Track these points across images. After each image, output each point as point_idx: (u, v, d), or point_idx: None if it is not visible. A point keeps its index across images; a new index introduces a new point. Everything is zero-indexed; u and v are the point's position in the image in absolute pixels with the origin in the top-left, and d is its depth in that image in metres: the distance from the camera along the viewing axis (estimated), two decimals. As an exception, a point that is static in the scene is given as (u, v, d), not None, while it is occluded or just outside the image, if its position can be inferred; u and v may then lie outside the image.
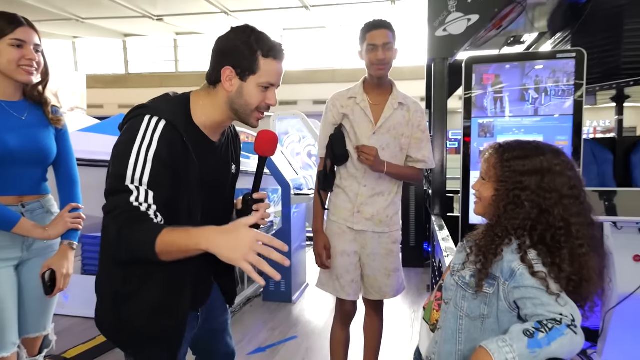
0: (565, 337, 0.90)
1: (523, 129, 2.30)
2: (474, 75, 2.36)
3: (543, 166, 1.05)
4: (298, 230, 3.76)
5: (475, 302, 1.07)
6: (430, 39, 2.45)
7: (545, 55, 2.34)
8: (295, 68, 13.70)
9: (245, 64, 1.08)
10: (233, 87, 1.10)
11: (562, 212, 1.02)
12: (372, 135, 1.86)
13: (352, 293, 1.94)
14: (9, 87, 1.39)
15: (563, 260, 1.01)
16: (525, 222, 1.04)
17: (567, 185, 1.04)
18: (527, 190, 1.04)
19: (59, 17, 10.96)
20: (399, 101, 1.88)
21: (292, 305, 3.51)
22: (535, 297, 0.97)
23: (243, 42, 1.08)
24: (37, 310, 1.47)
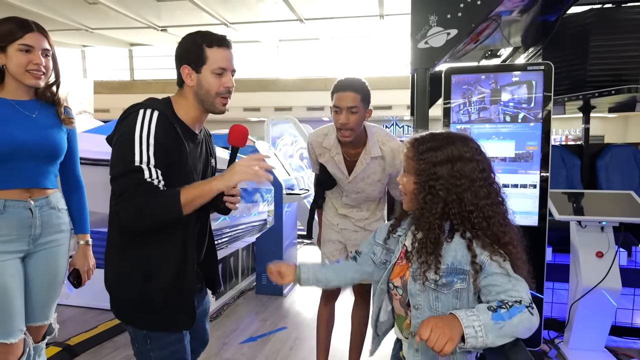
0: (524, 314, 0.94)
1: (501, 135, 2.33)
2: (452, 85, 2.39)
3: (453, 154, 1.04)
4: (290, 228, 3.76)
5: (447, 298, 1.05)
6: (413, 50, 2.47)
7: (517, 67, 2.38)
8: (291, 76, 13.73)
9: (195, 57, 1.17)
10: (193, 81, 1.18)
11: (471, 197, 1.03)
12: (347, 183, 1.89)
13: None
14: (19, 88, 1.38)
15: (495, 239, 1.02)
16: (445, 209, 1.04)
17: (476, 169, 1.04)
18: (440, 179, 1.04)
19: (70, 27, 10.88)
20: (371, 156, 1.80)
21: (283, 298, 3.51)
22: (498, 285, 0.99)
23: (189, 41, 1.18)
24: (42, 300, 1.46)
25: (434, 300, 1.06)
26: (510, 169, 2.29)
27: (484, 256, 1.02)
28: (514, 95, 2.28)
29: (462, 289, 1.04)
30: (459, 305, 1.04)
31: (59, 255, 1.48)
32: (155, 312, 1.16)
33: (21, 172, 1.36)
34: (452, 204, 1.03)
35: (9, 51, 1.33)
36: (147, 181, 1.06)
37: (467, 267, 1.03)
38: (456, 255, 1.03)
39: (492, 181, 1.07)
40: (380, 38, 11.97)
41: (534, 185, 2.24)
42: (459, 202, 1.03)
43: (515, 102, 2.28)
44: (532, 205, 2.24)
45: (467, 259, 1.03)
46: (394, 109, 12.74)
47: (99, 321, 2.82)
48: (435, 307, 1.06)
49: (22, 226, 1.36)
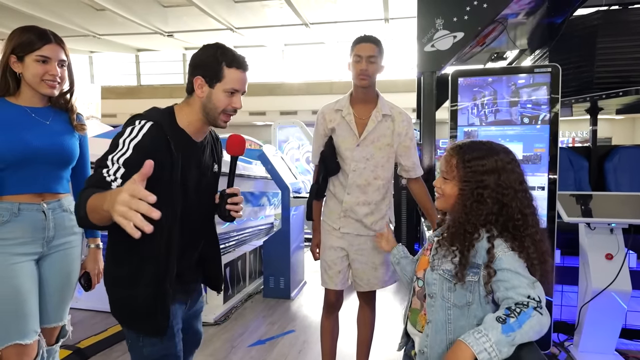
0: (533, 319, 0.94)
1: (507, 137, 2.33)
2: (459, 88, 2.39)
3: (498, 165, 1.09)
4: (297, 231, 3.77)
5: (461, 291, 1.08)
6: (420, 54, 2.49)
7: (524, 69, 2.38)
8: (296, 80, 13.79)
9: (211, 73, 1.18)
10: (204, 94, 1.20)
11: (518, 205, 1.08)
12: (356, 147, 1.87)
13: (339, 283, 1.96)
14: (34, 95, 1.41)
15: (528, 245, 1.06)
16: (489, 216, 1.08)
17: (518, 180, 1.10)
18: (487, 188, 1.08)
19: (78, 34, 11.02)
20: (382, 113, 1.86)
21: (291, 301, 3.51)
22: (507, 280, 1.01)
23: (210, 55, 1.19)
24: (56, 302, 1.48)
25: (447, 291, 1.10)
26: (518, 171, 2.28)
27: (499, 250, 1.05)
28: (521, 97, 2.28)
29: (474, 282, 1.07)
30: (470, 299, 1.07)
31: (72, 257, 1.51)
32: (134, 315, 1.19)
33: (35, 178, 1.38)
34: (499, 212, 1.08)
35: (27, 61, 1.36)
36: (102, 176, 1.03)
37: (481, 261, 1.06)
38: (475, 250, 1.07)
39: (528, 189, 1.13)
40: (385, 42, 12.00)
41: (542, 188, 2.24)
42: (507, 210, 1.07)
43: (522, 104, 2.28)
44: (540, 207, 2.23)
45: (482, 253, 1.06)
46: (399, 112, 12.74)
47: (108, 324, 2.84)
48: (448, 297, 1.10)
49: (36, 229, 1.39)
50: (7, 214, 1.34)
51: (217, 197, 1.33)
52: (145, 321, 1.19)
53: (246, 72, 1.23)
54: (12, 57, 1.36)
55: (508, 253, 1.04)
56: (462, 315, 1.09)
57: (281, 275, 3.56)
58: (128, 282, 1.17)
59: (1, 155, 1.31)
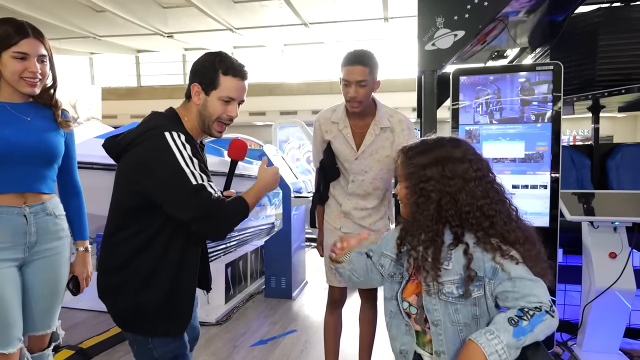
0: (545, 322, 0.92)
1: (508, 136, 2.32)
2: (460, 86, 2.38)
3: (443, 155, 1.04)
4: (298, 231, 3.76)
5: (467, 308, 1.02)
6: (420, 52, 2.47)
7: (525, 67, 2.36)
8: (296, 80, 13.78)
9: (208, 80, 1.19)
10: (200, 101, 1.21)
11: (466, 197, 1.01)
12: (355, 160, 1.85)
13: (343, 280, 1.95)
14: (14, 92, 1.31)
15: (498, 246, 1.00)
16: (439, 212, 1.02)
17: (470, 169, 1.03)
18: (431, 180, 1.02)
19: (78, 35, 11.03)
20: (381, 126, 1.80)
21: (292, 301, 3.50)
22: (515, 291, 0.97)
23: (208, 62, 1.20)
24: (43, 309, 1.40)
25: (454, 313, 1.02)
26: (520, 169, 2.27)
27: (491, 263, 0.99)
28: (522, 95, 2.27)
29: (479, 297, 1.01)
30: (478, 312, 1.02)
31: (58, 263, 1.42)
32: (150, 319, 1.18)
33: (15, 176, 1.28)
34: (447, 205, 1.01)
35: (4, 57, 1.25)
36: (215, 197, 1.11)
37: (482, 273, 1.00)
38: (482, 264, 1.01)
39: (489, 180, 1.05)
40: (384, 41, 11.99)
41: (545, 186, 2.23)
42: (454, 203, 1.01)
43: (523, 102, 2.27)
44: (542, 206, 2.22)
45: (481, 265, 1.00)
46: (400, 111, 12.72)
47: (110, 324, 2.83)
48: (457, 319, 1.02)
49: (16, 233, 1.29)
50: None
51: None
52: (167, 321, 1.18)
53: (244, 81, 1.22)
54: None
55: (508, 262, 0.98)
56: (472, 331, 1.01)
57: (282, 275, 3.55)
58: (140, 287, 1.16)
59: None
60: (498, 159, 2.31)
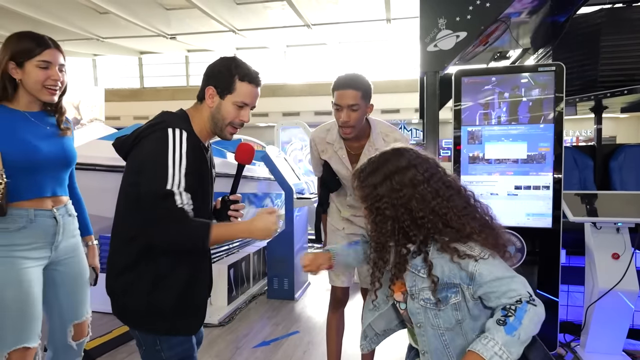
0: (529, 311, 0.95)
1: (510, 137, 2.32)
2: (462, 87, 2.38)
3: (389, 170, 1.06)
4: (300, 232, 3.76)
5: (447, 313, 1.05)
6: (423, 54, 2.47)
7: (527, 68, 2.36)
8: (298, 82, 13.80)
9: (223, 84, 1.21)
10: (214, 104, 1.22)
11: (417, 204, 1.03)
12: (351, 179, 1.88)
13: (346, 280, 1.97)
14: (32, 101, 1.40)
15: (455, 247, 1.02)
16: (395, 226, 1.04)
17: (417, 174, 1.05)
18: (383, 198, 1.05)
19: (81, 37, 11.09)
20: (375, 147, 1.77)
21: (295, 302, 3.51)
22: (495, 291, 0.99)
23: (224, 67, 1.22)
24: (80, 299, 1.55)
25: (434, 318, 1.06)
26: (523, 170, 2.27)
27: (466, 271, 1.01)
28: (525, 96, 2.27)
29: (459, 302, 1.04)
30: (460, 316, 1.04)
31: (80, 257, 1.56)
32: (163, 318, 1.18)
33: (43, 182, 1.40)
34: (403, 217, 1.04)
35: (27, 67, 1.34)
36: (179, 207, 1.08)
37: (458, 280, 1.02)
38: (444, 270, 1.03)
39: (438, 177, 1.07)
40: (387, 42, 11.99)
41: (547, 187, 2.22)
42: (408, 213, 1.04)
43: (526, 103, 2.27)
44: (545, 207, 2.22)
45: (456, 272, 1.02)
46: (402, 112, 12.72)
47: (113, 326, 2.84)
48: (437, 324, 1.06)
49: (47, 234, 1.41)
50: (23, 221, 1.35)
51: (218, 203, 1.36)
52: (181, 319, 1.19)
53: (258, 88, 1.26)
54: (10, 63, 1.33)
55: (481, 265, 1.00)
56: (456, 335, 1.06)
57: (285, 277, 3.55)
58: (152, 286, 1.17)
59: (14, 161, 1.31)
60: (501, 160, 2.31)
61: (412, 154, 1.09)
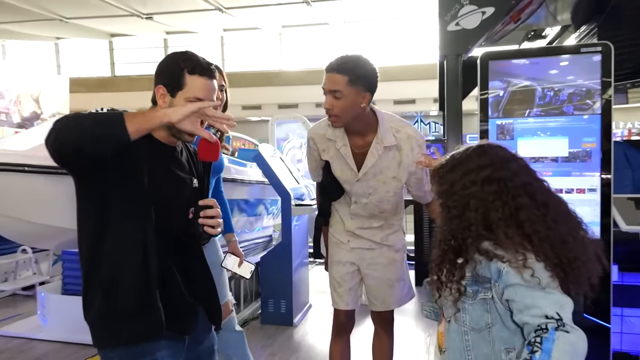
0: (559, 343, 0.94)
1: (548, 131, 2.30)
2: (490, 73, 2.36)
3: (469, 167, 1.17)
4: (300, 245, 3.75)
5: (477, 311, 1.11)
6: (442, 34, 2.47)
7: (568, 49, 2.34)
8: (296, 68, 13.82)
9: (172, 81, 1.27)
10: (166, 104, 1.28)
11: (474, 204, 1.13)
12: (356, 182, 1.85)
13: (350, 302, 1.97)
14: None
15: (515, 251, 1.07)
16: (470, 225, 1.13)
17: (491, 174, 1.14)
18: (454, 196, 1.17)
19: (42, 17, 11.13)
20: (384, 145, 1.78)
21: (294, 328, 3.49)
22: (517, 300, 1.03)
23: (172, 62, 1.29)
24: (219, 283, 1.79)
25: (462, 312, 1.14)
26: (564, 170, 2.25)
27: (497, 264, 1.07)
28: (565, 82, 2.25)
29: (487, 299, 1.10)
30: (490, 320, 1.10)
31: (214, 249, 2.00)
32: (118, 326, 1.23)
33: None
34: (466, 216, 1.14)
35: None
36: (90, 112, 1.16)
37: (488, 273, 1.09)
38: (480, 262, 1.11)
39: (514, 184, 1.14)
40: (400, 20, 12.01)
41: (593, 190, 2.20)
42: (468, 212, 1.14)
43: (566, 90, 2.25)
44: (591, 214, 2.19)
45: (488, 264, 1.09)
46: (419, 102, 12.73)
47: (77, 358, 2.83)
48: (463, 320, 1.14)
49: None
50: None
51: (191, 212, 1.36)
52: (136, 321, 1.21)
53: (212, 80, 1.31)
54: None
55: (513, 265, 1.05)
56: (482, 340, 1.10)
57: (282, 298, 3.54)
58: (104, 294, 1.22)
59: None
60: (536, 159, 2.29)
61: (498, 152, 1.19)
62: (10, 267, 4.36)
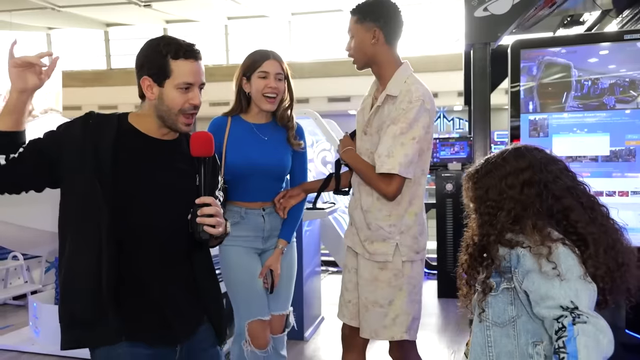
0: (579, 339, 0.97)
1: (586, 127, 2.28)
2: (522, 63, 2.35)
3: (506, 171, 1.21)
4: (311, 253, 3.75)
5: (499, 304, 1.16)
6: (468, 20, 2.46)
7: (609, 36, 2.33)
8: (306, 60, 13.85)
9: (157, 69, 1.29)
10: (154, 95, 1.31)
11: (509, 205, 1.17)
12: (364, 135, 1.90)
13: (347, 315, 1.95)
14: (259, 112, 1.96)
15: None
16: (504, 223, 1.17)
17: (533, 176, 1.18)
18: (488, 201, 1.21)
19: (33, 6, 11.31)
20: (387, 93, 1.80)
21: (304, 343, 3.50)
22: (534, 291, 1.07)
23: (153, 50, 1.31)
24: (284, 292, 2.05)
25: (485, 306, 1.19)
26: (604, 171, 2.24)
27: (518, 249, 1.13)
28: (606, 73, 2.23)
29: (510, 290, 1.14)
30: (515, 313, 1.14)
31: (292, 250, 2.11)
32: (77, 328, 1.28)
33: (257, 188, 1.94)
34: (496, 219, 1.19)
35: (252, 79, 1.90)
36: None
37: (509, 263, 1.15)
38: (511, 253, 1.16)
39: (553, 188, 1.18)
40: (421, 6, 11.98)
41: (638, 193, 2.18)
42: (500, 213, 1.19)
43: (608, 82, 2.23)
44: (635, 219, 2.17)
45: (509, 254, 1.15)
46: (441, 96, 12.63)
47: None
48: (486, 315, 1.19)
49: (257, 229, 1.97)
50: (237, 216, 1.92)
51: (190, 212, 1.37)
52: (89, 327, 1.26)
53: (199, 61, 1.32)
54: (242, 79, 1.92)
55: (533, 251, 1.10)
56: (506, 335, 1.15)
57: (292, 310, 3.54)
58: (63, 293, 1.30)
59: (230, 168, 1.88)
60: (574, 158, 2.27)
61: (536, 154, 1.23)
62: (-1, 275, 4.44)
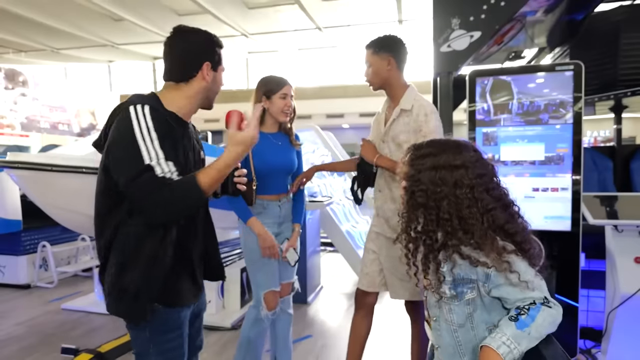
0: (544, 311, 0.97)
1: (526, 138, 2.27)
2: (477, 88, 2.35)
3: (440, 162, 1.04)
4: (313, 236, 3.75)
5: (460, 308, 1.06)
6: (436, 54, 2.45)
7: (544, 68, 2.32)
8: (310, 85, 13.81)
9: (217, 58, 1.27)
10: (209, 77, 1.25)
11: (447, 206, 1.02)
12: (381, 143, 1.89)
13: (365, 284, 1.94)
14: (273, 124, 1.97)
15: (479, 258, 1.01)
16: (422, 214, 1.05)
17: (463, 178, 1.02)
18: (421, 185, 1.05)
19: (96, 44, 11.31)
20: (402, 107, 1.80)
21: (307, 306, 3.49)
22: (510, 297, 1.01)
23: (209, 42, 1.27)
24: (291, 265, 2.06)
25: (448, 313, 1.07)
26: (540, 172, 2.23)
27: (484, 269, 1.00)
28: (541, 97, 2.23)
29: (473, 298, 1.05)
30: (471, 309, 1.05)
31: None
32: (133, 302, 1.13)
33: (276, 184, 1.97)
34: (431, 210, 1.04)
35: (274, 99, 1.91)
36: (160, 177, 1.05)
37: (474, 275, 1.03)
38: (461, 265, 1.04)
39: (487, 187, 1.04)
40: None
41: (565, 189, 2.17)
42: (436, 209, 1.04)
43: (542, 103, 2.22)
44: (563, 209, 2.17)
45: (471, 268, 1.03)
46: (414, 114, 12.60)
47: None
48: (451, 319, 1.07)
49: (274, 216, 1.99)
50: (260, 208, 1.95)
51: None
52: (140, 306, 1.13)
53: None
54: (263, 97, 1.92)
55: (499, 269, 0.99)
56: (467, 331, 1.06)
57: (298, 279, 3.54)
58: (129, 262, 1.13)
59: (259, 170, 1.89)
60: (517, 162, 2.27)
61: (473, 156, 1.06)
62: (72, 253, 4.45)
